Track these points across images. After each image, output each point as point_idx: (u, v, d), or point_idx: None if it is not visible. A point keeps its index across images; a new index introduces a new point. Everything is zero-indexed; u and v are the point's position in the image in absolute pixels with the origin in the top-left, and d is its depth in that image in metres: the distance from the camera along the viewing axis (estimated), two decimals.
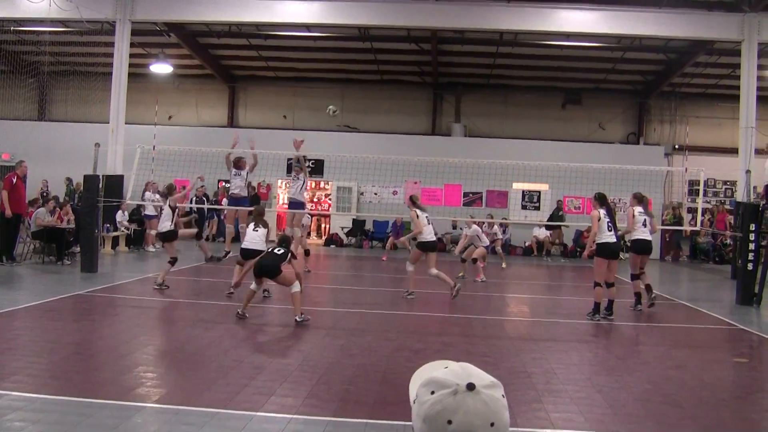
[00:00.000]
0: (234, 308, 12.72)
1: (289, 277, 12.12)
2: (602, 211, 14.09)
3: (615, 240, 14.19)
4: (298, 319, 11.92)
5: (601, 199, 14.39)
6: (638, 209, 15.04)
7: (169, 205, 16.11)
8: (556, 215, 28.42)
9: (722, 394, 9.02)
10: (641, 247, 15.08)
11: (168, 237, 16.01)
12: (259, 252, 13.59)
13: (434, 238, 16.00)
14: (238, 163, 18.74)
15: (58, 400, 7.34)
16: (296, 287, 11.97)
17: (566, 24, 23.71)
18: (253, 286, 12.43)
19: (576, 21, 23.53)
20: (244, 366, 9.09)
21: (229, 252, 18.06)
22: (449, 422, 1.78)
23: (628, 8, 23.10)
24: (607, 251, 14.01)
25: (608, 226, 13.98)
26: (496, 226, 23.26)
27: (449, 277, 15.78)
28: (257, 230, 14.43)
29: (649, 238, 15.13)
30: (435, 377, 1.85)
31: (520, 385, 8.77)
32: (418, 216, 15.43)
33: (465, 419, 1.78)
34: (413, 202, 16.04)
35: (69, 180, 29.38)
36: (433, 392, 1.82)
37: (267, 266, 12.07)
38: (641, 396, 8.52)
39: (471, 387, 1.80)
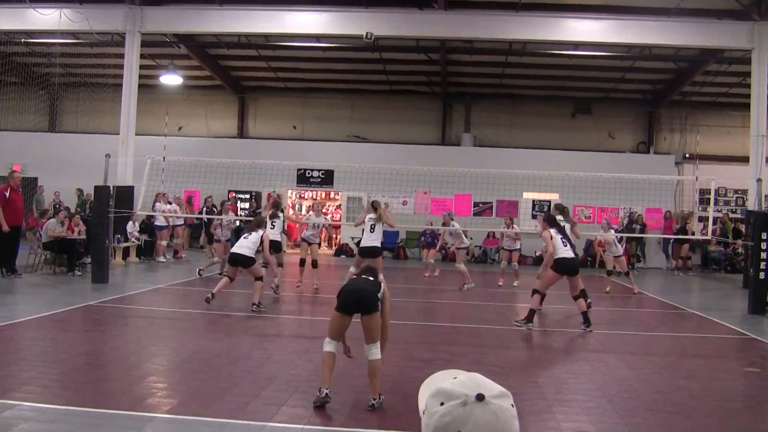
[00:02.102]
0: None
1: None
2: (552, 231, 14.21)
3: (572, 256, 14.29)
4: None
5: (550, 221, 14.56)
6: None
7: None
8: (630, 228, 28.38)
9: (733, 403, 8.99)
10: (563, 267, 14.20)
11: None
12: (247, 258, 14.84)
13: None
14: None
15: (70, 411, 7.37)
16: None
17: (575, 33, 23.70)
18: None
19: (585, 30, 23.52)
20: (254, 376, 9.10)
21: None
22: None
23: (637, 17, 23.07)
24: (563, 266, 14.05)
25: (562, 242, 14.10)
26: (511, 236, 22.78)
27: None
28: (248, 237, 15.23)
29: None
30: (444, 388, 1.84)
31: (530, 395, 8.75)
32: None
33: (475, 430, 1.77)
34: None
35: (80, 191, 29.47)
36: (442, 403, 1.81)
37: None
38: (651, 405, 8.50)
39: (480, 398, 1.79)
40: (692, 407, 8.61)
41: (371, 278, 8.61)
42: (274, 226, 17.42)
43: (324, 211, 18.54)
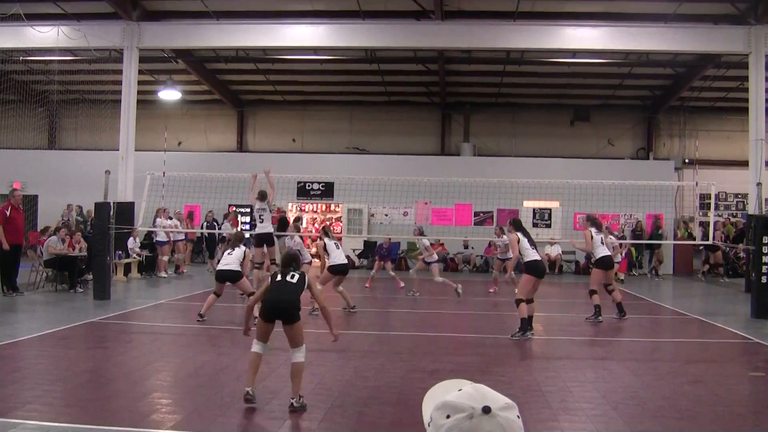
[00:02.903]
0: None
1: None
2: (519, 234, 14.17)
3: (540, 258, 14.36)
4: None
5: (516, 224, 14.51)
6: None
7: None
8: (656, 234, 28.34)
9: (738, 408, 8.96)
10: (537, 269, 14.17)
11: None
12: (234, 272, 15.05)
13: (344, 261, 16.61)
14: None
15: (74, 428, 7.34)
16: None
17: (573, 41, 23.73)
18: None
19: (582, 38, 23.54)
20: (258, 391, 9.07)
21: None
22: None
23: (634, 24, 23.12)
24: (536, 269, 14.05)
25: (530, 245, 14.11)
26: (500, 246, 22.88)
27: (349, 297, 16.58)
28: (231, 253, 15.33)
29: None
30: (449, 401, 1.83)
31: (535, 403, 8.73)
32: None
33: None
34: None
35: (79, 207, 29.43)
36: (448, 416, 1.80)
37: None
38: (657, 412, 8.47)
39: (487, 410, 1.78)
40: (698, 413, 8.58)
41: (294, 273, 8.83)
42: (262, 219, 17.40)
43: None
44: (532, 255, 14.03)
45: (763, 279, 16.93)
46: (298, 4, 24.30)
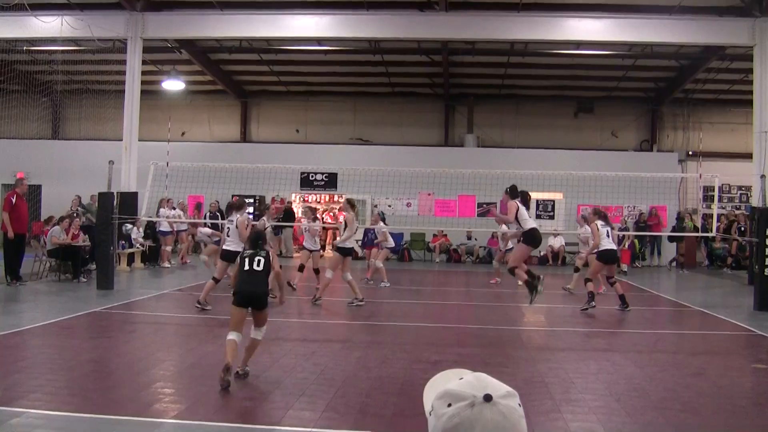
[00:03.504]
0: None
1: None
2: (518, 202, 14.13)
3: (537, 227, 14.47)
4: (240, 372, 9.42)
5: (513, 193, 14.46)
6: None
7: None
8: (680, 227, 28.38)
9: (741, 401, 8.97)
10: (535, 239, 14.33)
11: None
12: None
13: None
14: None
15: (78, 417, 7.37)
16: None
17: (576, 32, 23.65)
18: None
19: (586, 29, 23.46)
20: (260, 381, 9.10)
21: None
22: None
23: (638, 15, 23.02)
24: (534, 238, 14.09)
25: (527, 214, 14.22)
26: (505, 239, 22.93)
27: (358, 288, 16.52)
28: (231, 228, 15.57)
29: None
30: (451, 389, 1.85)
31: (538, 395, 8.74)
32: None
33: (484, 431, 1.77)
34: None
35: (78, 198, 29.39)
36: (449, 405, 1.81)
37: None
38: (660, 404, 8.48)
39: (488, 398, 1.79)
40: (701, 405, 8.59)
41: (260, 258, 9.58)
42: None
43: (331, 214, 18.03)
44: (530, 224, 14.05)
45: (767, 271, 16.92)
46: None
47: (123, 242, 22.34)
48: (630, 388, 9.30)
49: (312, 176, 31.16)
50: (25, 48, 27.26)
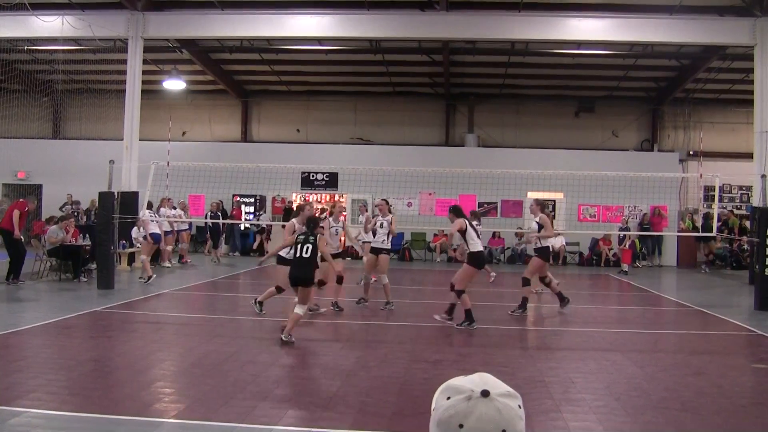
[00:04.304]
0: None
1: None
2: (466, 221, 14.25)
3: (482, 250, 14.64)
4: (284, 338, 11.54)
5: (457, 212, 14.58)
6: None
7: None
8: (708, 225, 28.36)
9: (741, 400, 8.96)
10: (479, 260, 14.41)
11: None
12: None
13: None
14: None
15: (78, 417, 7.37)
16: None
17: (577, 32, 23.66)
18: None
19: (587, 29, 23.47)
20: (261, 380, 9.09)
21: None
22: (461, 426, 1.81)
23: (639, 15, 23.04)
24: (478, 260, 14.24)
25: (476, 235, 14.34)
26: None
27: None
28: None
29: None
30: (452, 384, 1.89)
31: (538, 394, 8.74)
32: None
33: (476, 424, 1.80)
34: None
35: (69, 196, 29.41)
36: (449, 398, 1.86)
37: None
38: (660, 404, 8.48)
39: (485, 393, 1.83)
40: (701, 405, 8.59)
41: (308, 246, 11.77)
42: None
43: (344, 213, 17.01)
44: (477, 246, 14.16)
45: (767, 271, 16.92)
46: None
47: (123, 242, 22.34)
48: (630, 387, 9.30)
49: (313, 176, 31.16)
50: (26, 47, 27.29)
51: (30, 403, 7.70)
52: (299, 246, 11.76)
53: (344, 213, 17.26)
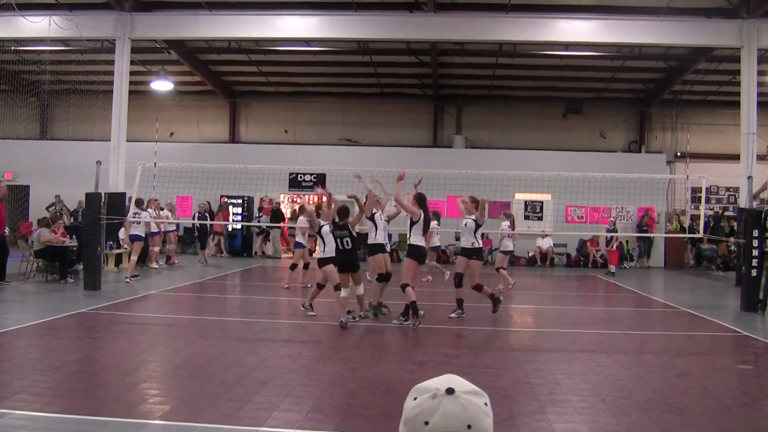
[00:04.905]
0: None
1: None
2: (421, 210, 14.57)
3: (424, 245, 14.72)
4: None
5: (421, 200, 14.90)
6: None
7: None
8: (719, 226, 28.51)
9: (727, 401, 8.99)
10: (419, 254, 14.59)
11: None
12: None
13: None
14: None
15: (62, 418, 7.34)
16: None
17: (565, 33, 23.72)
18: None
19: (575, 30, 23.54)
20: (246, 381, 9.08)
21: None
22: (426, 423, 1.83)
23: (626, 17, 23.11)
24: (419, 253, 14.43)
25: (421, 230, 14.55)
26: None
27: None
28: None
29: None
30: (419, 385, 1.92)
31: (524, 396, 8.74)
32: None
33: (441, 421, 1.82)
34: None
35: (57, 197, 29.35)
36: (415, 398, 1.89)
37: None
38: (645, 405, 8.50)
39: (450, 391, 1.86)
40: (686, 406, 8.60)
41: (347, 239, 13.66)
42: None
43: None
44: (417, 240, 14.40)
45: (753, 272, 16.98)
46: None
47: (111, 243, 22.29)
48: (616, 389, 9.31)
49: (300, 177, 31.14)
50: (12, 48, 27.19)
51: (14, 404, 7.66)
52: (338, 240, 13.64)
53: (380, 199, 16.51)
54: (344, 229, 13.60)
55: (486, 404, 1.89)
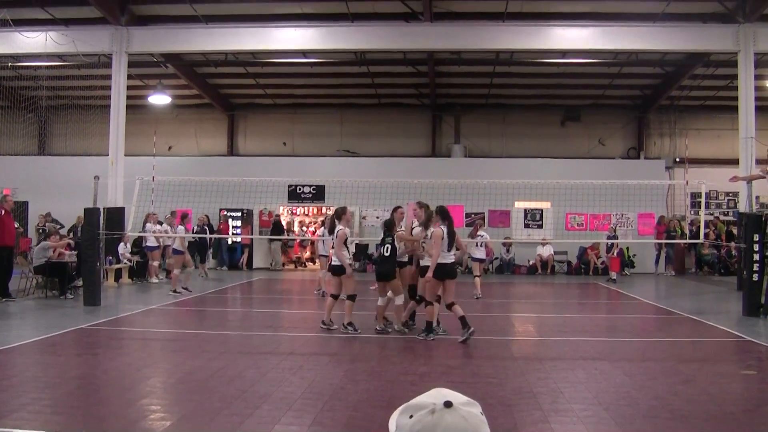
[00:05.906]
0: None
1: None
2: (445, 229, 13.41)
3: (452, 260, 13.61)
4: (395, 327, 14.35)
5: (443, 214, 13.78)
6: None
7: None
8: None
9: (731, 407, 8.93)
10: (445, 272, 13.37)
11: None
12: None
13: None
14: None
15: None
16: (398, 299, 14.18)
17: (562, 41, 23.75)
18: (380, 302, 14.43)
19: (571, 38, 23.56)
20: (248, 395, 9.03)
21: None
22: None
23: (623, 23, 23.13)
24: (444, 272, 13.31)
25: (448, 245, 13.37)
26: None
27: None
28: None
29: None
30: (411, 403, 1.90)
31: (526, 405, 8.69)
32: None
33: None
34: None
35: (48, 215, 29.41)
36: (411, 416, 1.86)
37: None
38: (649, 412, 8.44)
39: (448, 404, 1.84)
40: (690, 412, 8.55)
41: (388, 245, 14.07)
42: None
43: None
44: (444, 258, 13.31)
45: (755, 277, 16.93)
46: (287, 7, 24.29)
47: (110, 258, 22.25)
48: (619, 396, 9.26)
49: (299, 189, 31.14)
50: (9, 64, 27.21)
51: (13, 422, 7.61)
52: (381, 247, 14.30)
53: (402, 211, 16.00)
54: (386, 238, 14.17)
55: (481, 413, 1.88)
